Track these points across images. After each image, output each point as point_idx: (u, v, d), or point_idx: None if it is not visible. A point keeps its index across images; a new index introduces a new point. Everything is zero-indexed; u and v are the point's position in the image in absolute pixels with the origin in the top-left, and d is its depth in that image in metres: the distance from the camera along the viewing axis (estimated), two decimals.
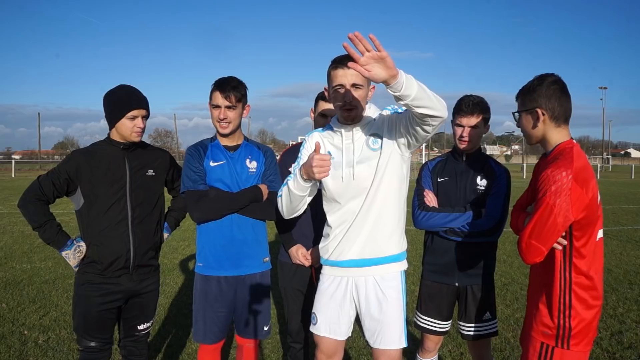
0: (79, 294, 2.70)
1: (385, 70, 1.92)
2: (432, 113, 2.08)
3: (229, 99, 2.75)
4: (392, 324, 2.43)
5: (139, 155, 2.78)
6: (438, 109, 2.09)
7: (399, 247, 2.50)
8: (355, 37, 1.86)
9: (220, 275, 2.85)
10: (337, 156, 2.48)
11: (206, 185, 2.81)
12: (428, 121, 2.14)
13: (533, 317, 2.24)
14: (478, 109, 2.85)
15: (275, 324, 4.72)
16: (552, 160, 2.12)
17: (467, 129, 2.86)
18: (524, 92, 2.24)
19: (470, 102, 2.85)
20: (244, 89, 2.83)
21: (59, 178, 2.64)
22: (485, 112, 2.88)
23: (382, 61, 1.90)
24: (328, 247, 2.53)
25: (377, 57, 1.89)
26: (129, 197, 2.70)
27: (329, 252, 2.52)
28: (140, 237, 2.74)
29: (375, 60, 1.90)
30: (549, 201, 2.01)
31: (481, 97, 2.90)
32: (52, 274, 6.57)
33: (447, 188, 2.96)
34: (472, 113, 2.84)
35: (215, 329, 2.88)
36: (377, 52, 1.88)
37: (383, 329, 2.43)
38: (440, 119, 2.13)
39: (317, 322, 2.54)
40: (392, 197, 2.44)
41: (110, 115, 2.67)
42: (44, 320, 4.78)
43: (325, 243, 2.56)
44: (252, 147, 2.96)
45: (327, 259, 2.54)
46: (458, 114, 2.88)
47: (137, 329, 2.86)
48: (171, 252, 7.71)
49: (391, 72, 1.92)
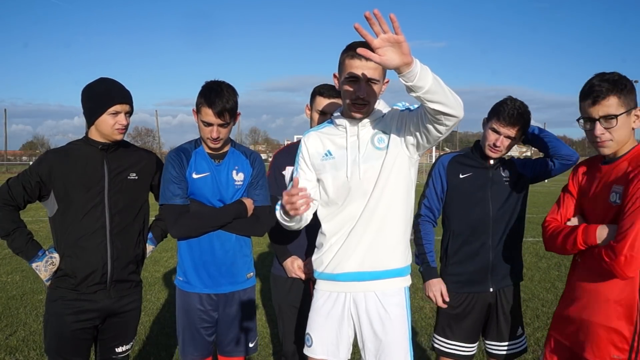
0: (51, 311, 2.69)
1: (399, 56, 1.91)
2: (447, 111, 2.08)
3: (223, 118, 2.73)
4: (397, 345, 2.41)
5: (120, 156, 2.78)
6: (453, 106, 2.09)
7: (404, 260, 2.48)
8: (374, 16, 1.83)
9: (202, 292, 2.89)
10: (340, 155, 2.46)
11: (186, 199, 2.82)
12: (442, 120, 2.13)
13: (594, 339, 2.24)
14: (522, 120, 2.80)
15: (268, 345, 4.71)
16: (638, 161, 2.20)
17: (504, 139, 2.83)
18: (621, 91, 2.21)
19: (515, 112, 2.77)
20: (236, 98, 2.80)
21: (30, 181, 2.64)
22: (526, 124, 2.85)
23: (397, 45, 1.89)
24: (323, 259, 2.51)
25: (394, 40, 1.88)
26: (108, 203, 2.69)
27: (324, 265, 2.50)
28: (120, 249, 2.73)
29: (391, 44, 1.89)
30: None
31: (525, 105, 2.84)
32: (20, 288, 6.55)
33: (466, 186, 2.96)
34: (515, 124, 2.79)
35: (199, 346, 2.93)
36: (394, 34, 1.87)
37: (386, 350, 2.40)
38: (455, 118, 2.13)
39: (313, 344, 2.52)
40: (398, 202, 2.42)
41: (90, 111, 2.67)
42: (11, 341, 4.76)
43: (319, 254, 2.54)
44: (239, 154, 2.96)
45: (322, 272, 2.52)
46: (497, 120, 2.81)
47: (114, 351, 2.85)
48: (152, 265, 7.71)
49: (406, 59, 1.92)
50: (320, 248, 2.55)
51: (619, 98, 2.20)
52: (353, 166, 2.42)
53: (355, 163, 2.41)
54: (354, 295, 2.46)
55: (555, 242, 2.39)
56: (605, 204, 2.25)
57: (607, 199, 2.25)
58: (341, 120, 2.48)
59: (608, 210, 2.24)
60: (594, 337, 2.26)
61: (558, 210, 2.49)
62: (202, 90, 2.76)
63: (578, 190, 2.48)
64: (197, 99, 2.77)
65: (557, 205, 2.52)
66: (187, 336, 2.92)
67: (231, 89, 2.79)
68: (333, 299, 2.51)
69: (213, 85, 2.76)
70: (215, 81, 2.80)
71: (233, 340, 2.96)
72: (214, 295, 2.90)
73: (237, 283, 2.93)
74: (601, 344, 2.23)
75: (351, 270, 2.44)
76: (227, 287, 2.91)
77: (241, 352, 2.99)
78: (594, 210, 2.34)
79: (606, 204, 2.25)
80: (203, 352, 2.94)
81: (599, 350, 2.23)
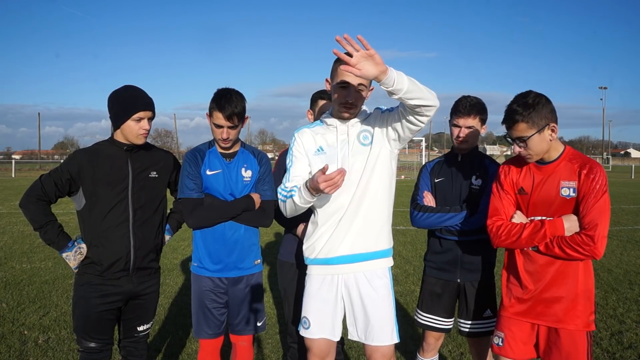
0: (79, 295, 2.70)
1: (375, 67, 2.05)
2: (425, 103, 2.22)
3: (232, 121, 2.76)
4: (384, 320, 2.48)
5: (142, 156, 2.78)
6: (430, 98, 2.23)
7: (388, 242, 2.56)
8: (344, 39, 1.99)
9: (214, 276, 2.91)
10: (331, 151, 2.52)
11: (201, 193, 2.86)
12: (423, 112, 2.26)
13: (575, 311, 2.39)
14: (475, 110, 2.90)
15: (275, 324, 4.72)
16: (579, 160, 2.38)
17: (464, 129, 2.91)
18: (531, 113, 2.31)
19: (468, 103, 2.90)
20: (244, 103, 2.84)
21: (62, 178, 2.63)
22: (482, 113, 2.93)
23: (371, 58, 2.03)
24: (315, 246, 2.55)
25: (366, 55, 2.02)
26: (131, 199, 2.70)
27: (317, 251, 2.54)
28: (141, 240, 2.74)
29: (365, 58, 2.03)
30: (607, 195, 2.30)
31: (478, 98, 2.95)
32: (52, 274, 6.57)
33: (443, 188, 3.02)
34: (469, 114, 2.89)
35: (212, 325, 2.95)
36: (365, 50, 2.00)
37: (375, 325, 2.46)
38: (433, 107, 2.26)
39: (310, 326, 2.55)
40: (381, 191, 2.50)
41: (116, 116, 2.66)
42: (44, 320, 4.78)
43: (312, 242, 2.57)
44: (248, 154, 2.99)
45: (315, 258, 2.55)
46: (455, 115, 2.93)
47: (136, 330, 2.86)
48: (171, 252, 7.73)
49: (381, 68, 2.06)
50: (311, 236, 2.58)
51: (527, 122, 2.32)
52: (343, 160, 2.48)
53: (345, 158, 2.48)
54: (345, 277, 2.52)
55: (516, 239, 2.44)
56: (558, 198, 2.38)
57: (558, 194, 2.38)
58: (332, 121, 2.55)
59: (563, 203, 2.38)
60: (570, 309, 2.39)
61: (500, 210, 2.53)
62: (214, 97, 2.80)
63: (513, 188, 2.54)
64: (210, 104, 2.80)
65: (496, 206, 2.55)
66: (201, 316, 2.94)
67: (240, 95, 2.82)
68: (327, 282, 2.54)
69: (224, 92, 2.80)
70: (226, 88, 2.84)
71: (243, 320, 2.97)
72: (225, 279, 2.92)
73: (245, 268, 2.94)
74: (579, 312, 2.39)
75: (343, 253, 2.48)
76: (236, 272, 2.92)
77: (251, 331, 3.00)
78: (543, 204, 2.43)
79: (558, 198, 2.38)
80: (215, 330, 2.96)
81: (578, 317, 2.39)
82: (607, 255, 8.03)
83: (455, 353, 4.14)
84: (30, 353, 4.03)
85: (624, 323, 4.83)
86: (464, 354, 4.08)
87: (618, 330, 4.62)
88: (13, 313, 4.99)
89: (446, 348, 4.19)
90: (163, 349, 4.17)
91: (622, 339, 4.41)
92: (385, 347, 2.47)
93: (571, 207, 2.36)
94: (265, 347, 4.25)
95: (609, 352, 4.16)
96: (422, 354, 3.14)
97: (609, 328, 4.69)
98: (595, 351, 4.16)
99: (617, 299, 5.63)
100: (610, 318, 4.98)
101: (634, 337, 4.47)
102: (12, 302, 5.33)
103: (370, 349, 2.49)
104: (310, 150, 2.57)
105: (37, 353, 4.03)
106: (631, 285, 6.28)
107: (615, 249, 8.54)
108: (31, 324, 4.67)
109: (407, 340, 4.24)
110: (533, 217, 2.46)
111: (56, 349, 4.12)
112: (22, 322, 4.74)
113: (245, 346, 3.02)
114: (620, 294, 5.84)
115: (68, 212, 10.58)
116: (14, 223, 10.96)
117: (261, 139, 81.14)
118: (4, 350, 4.06)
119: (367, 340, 2.48)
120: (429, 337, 3.09)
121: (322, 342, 2.54)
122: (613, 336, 4.49)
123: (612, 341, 4.37)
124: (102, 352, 2.74)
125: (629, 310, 5.25)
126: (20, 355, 3.99)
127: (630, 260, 7.72)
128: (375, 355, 2.48)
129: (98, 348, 2.72)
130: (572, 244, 2.29)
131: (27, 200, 2.64)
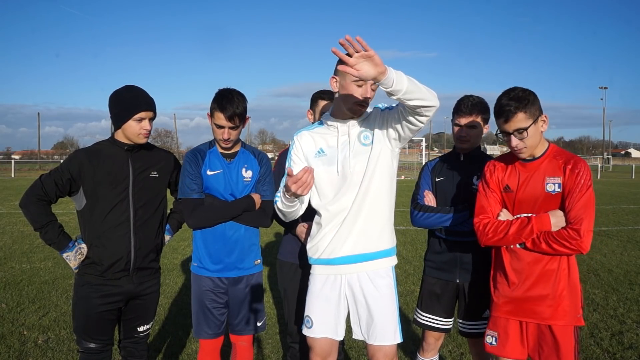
0: (79, 295, 2.69)
1: (374, 68, 2.03)
2: (425, 103, 2.20)
3: (233, 121, 2.76)
4: (387, 320, 2.47)
5: (143, 156, 2.78)
6: (430, 98, 2.20)
7: (390, 242, 2.55)
8: (346, 41, 1.99)
9: (214, 276, 2.91)
10: (332, 152, 2.51)
11: (202, 193, 2.86)
12: (422, 112, 2.24)
13: (562, 307, 2.40)
14: (477, 109, 2.90)
15: (275, 324, 4.72)
16: (563, 157, 2.41)
17: (466, 128, 2.91)
18: (527, 104, 2.35)
19: (469, 103, 2.90)
20: (246, 104, 2.82)
21: (62, 177, 2.63)
22: (484, 113, 2.93)
23: (369, 59, 2.02)
24: (318, 246, 2.54)
25: (365, 56, 2.01)
26: (132, 199, 2.69)
27: (320, 251, 2.53)
28: (142, 240, 2.73)
29: (364, 59, 2.02)
30: (591, 190, 2.32)
31: (480, 98, 2.95)
32: (52, 274, 6.57)
33: (444, 187, 3.01)
34: (471, 113, 2.89)
35: (212, 325, 2.94)
36: (364, 51, 2.00)
37: (378, 325, 2.46)
38: (433, 107, 2.24)
39: (313, 325, 2.54)
40: (383, 191, 2.49)
41: (117, 116, 2.66)
42: (44, 321, 4.78)
43: (315, 242, 2.56)
44: (248, 154, 2.98)
45: (318, 258, 2.55)
46: (457, 114, 2.93)
47: (137, 330, 2.86)
48: (171, 252, 7.73)
49: (380, 69, 2.04)
50: (314, 236, 2.57)
51: (525, 112, 2.35)
52: (344, 162, 2.47)
53: (346, 159, 2.47)
54: (349, 277, 2.51)
55: (503, 236, 2.43)
56: (543, 194, 2.40)
57: (543, 190, 2.40)
58: (333, 121, 2.53)
59: (548, 199, 2.40)
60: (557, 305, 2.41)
61: (487, 208, 2.54)
62: (216, 97, 2.79)
63: (499, 186, 2.55)
64: (211, 104, 2.79)
65: (482, 204, 2.56)
66: (201, 316, 2.93)
67: (241, 96, 2.81)
68: (330, 282, 2.53)
69: (225, 93, 2.79)
70: (227, 89, 2.83)
71: (243, 320, 2.97)
72: (225, 279, 2.91)
73: (246, 269, 2.94)
74: (566, 308, 2.41)
75: (345, 254, 2.48)
76: (236, 272, 2.92)
77: (251, 331, 3.00)
78: (528, 201, 2.45)
79: (544, 193, 2.40)
80: (215, 330, 2.95)
81: (565, 314, 2.40)
82: (607, 255, 8.04)
83: (455, 353, 4.14)
84: (30, 353, 4.02)
85: (625, 323, 4.83)
86: (464, 354, 4.07)
87: (619, 331, 4.62)
88: (13, 313, 4.98)
89: (446, 348, 4.19)
90: (163, 349, 4.17)
91: (622, 340, 4.40)
92: (388, 346, 2.46)
93: (557, 203, 2.38)
94: (265, 347, 4.25)
95: (610, 352, 4.16)
96: (422, 354, 3.13)
97: (610, 328, 4.69)
98: (596, 351, 4.16)
99: (618, 299, 5.63)
100: (611, 318, 4.97)
101: (634, 337, 4.47)
102: (11, 303, 5.33)
103: (372, 349, 2.48)
104: (310, 153, 2.55)
105: (37, 353, 4.02)
106: (632, 285, 6.27)
107: (616, 249, 8.54)
108: (31, 324, 4.67)
109: (407, 340, 4.23)
110: (519, 215, 2.47)
111: (56, 349, 4.12)
112: (22, 322, 4.73)
113: (245, 346, 3.02)
114: (621, 294, 5.84)
115: (68, 212, 10.57)
116: (14, 223, 10.96)
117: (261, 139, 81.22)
118: (4, 351, 4.05)
119: (370, 339, 2.48)
120: (429, 337, 3.08)
121: (325, 341, 2.53)
122: (613, 336, 4.48)
123: (612, 341, 4.37)
124: (102, 353, 2.74)
125: (629, 310, 5.24)
126: (20, 355, 3.99)
127: (630, 261, 7.72)
128: (377, 355, 2.47)
129: (98, 348, 2.71)
130: (559, 239, 2.31)
131: (27, 200, 2.64)
